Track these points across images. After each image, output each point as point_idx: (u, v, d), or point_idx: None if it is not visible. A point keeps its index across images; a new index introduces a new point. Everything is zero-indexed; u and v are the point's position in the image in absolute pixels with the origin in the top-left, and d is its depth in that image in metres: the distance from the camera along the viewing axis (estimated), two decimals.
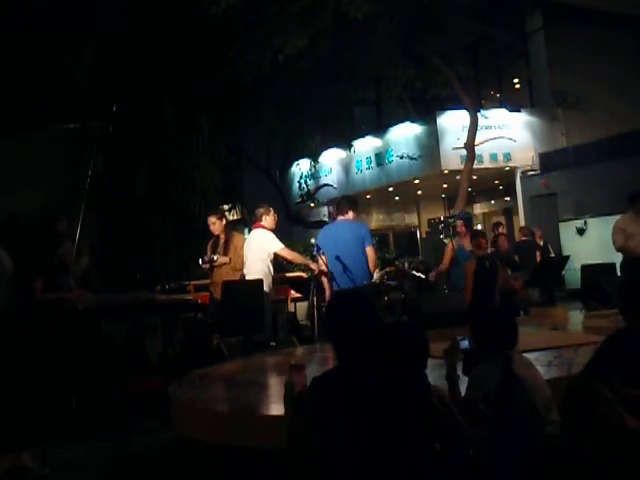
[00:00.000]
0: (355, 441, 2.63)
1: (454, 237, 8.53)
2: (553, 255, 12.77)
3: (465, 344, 3.34)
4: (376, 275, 7.27)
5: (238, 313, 6.93)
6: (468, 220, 8.73)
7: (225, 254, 7.52)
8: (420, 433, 2.67)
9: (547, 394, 3.03)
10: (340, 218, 7.03)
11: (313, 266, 7.27)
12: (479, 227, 20.78)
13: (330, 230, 7.20)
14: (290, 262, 7.59)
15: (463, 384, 3.17)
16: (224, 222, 7.72)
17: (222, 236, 7.62)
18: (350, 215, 7.02)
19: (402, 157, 17.39)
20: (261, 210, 7.61)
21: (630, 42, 16.83)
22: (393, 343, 2.87)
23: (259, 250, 7.39)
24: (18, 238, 7.29)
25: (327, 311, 3.10)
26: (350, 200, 7.34)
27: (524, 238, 12.09)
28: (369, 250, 6.84)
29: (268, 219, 7.54)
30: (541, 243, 12.47)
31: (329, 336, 3.01)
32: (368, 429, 2.63)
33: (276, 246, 7.40)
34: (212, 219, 7.67)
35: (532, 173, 17.08)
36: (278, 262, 8.10)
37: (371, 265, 6.87)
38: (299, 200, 19.13)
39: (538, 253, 11.64)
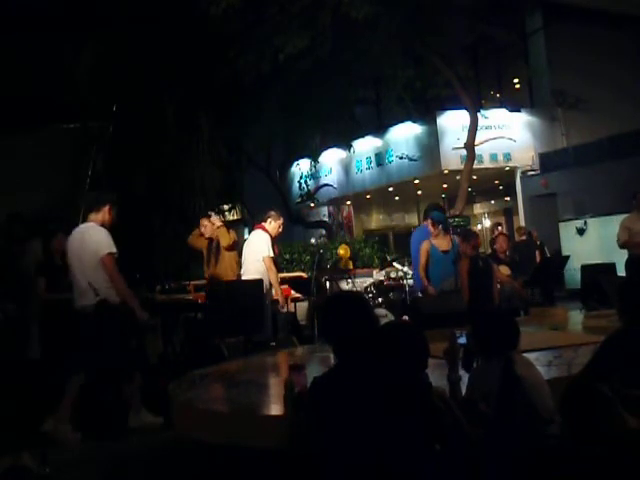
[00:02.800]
0: (356, 441, 2.63)
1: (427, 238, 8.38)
2: (549, 255, 12.75)
3: (463, 340, 3.34)
4: (376, 275, 7.33)
5: (238, 313, 6.93)
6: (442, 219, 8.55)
7: (218, 254, 7.61)
8: (420, 433, 2.67)
9: (547, 394, 3.03)
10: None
11: (278, 296, 7.49)
12: (479, 227, 20.81)
13: None
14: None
15: (464, 384, 3.17)
16: (216, 225, 7.77)
17: (214, 239, 7.72)
18: (428, 222, 7.65)
19: (402, 157, 17.40)
20: (272, 213, 7.70)
21: (630, 42, 16.83)
22: (392, 343, 2.87)
23: (256, 252, 7.41)
24: (19, 237, 7.27)
25: (322, 313, 3.10)
26: (430, 208, 7.91)
27: (523, 238, 12.09)
28: None
29: (272, 224, 7.57)
30: (538, 243, 12.46)
31: (325, 338, 3.02)
32: (368, 429, 2.63)
33: (264, 251, 7.38)
34: (204, 222, 7.80)
35: (532, 173, 17.09)
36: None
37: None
38: (299, 200, 19.15)
39: (538, 253, 11.63)
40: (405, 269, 9.42)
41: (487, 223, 21.13)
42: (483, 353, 3.18)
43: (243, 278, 7.49)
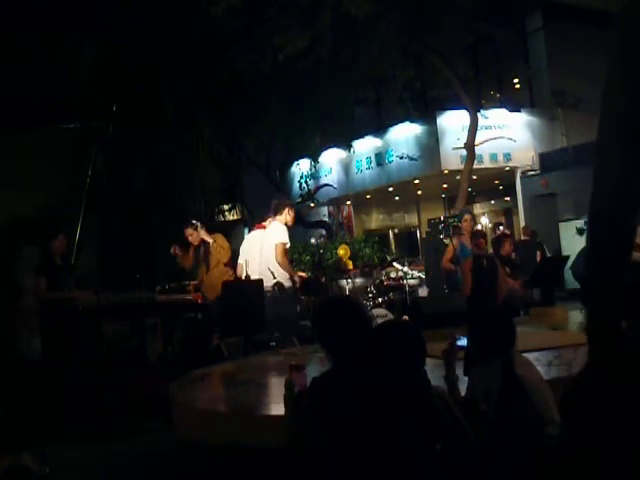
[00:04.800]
0: (355, 441, 2.63)
1: (456, 235, 8.42)
2: (549, 255, 12.74)
3: (464, 343, 3.33)
4: (376, 275, 7.34)
5: (238, 313, 6.93)
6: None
7: (208, 262, 7.65)
8: (421, 433, 2.67)
9: (547, 394, 3.03)
10: None
11: (296, 283, 7.21)
12: (479, 227, 20.81)
13: None
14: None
15: (462, 384, 3.17)
16: (201, 231, 7.75)
17: (201, 246, 7.75)
18: None
19: (402, 157, 17.40)
20: (287, 201, 7.71)
21: None
22: (388, 341, 2.86)
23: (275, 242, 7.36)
24: (21, 237, 7.27)
25: (315, 318, 3.11)
26: None
27: (524, 237, 12.09)
28: None
29: (290, 214, 7.52)
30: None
31: (320, 342, 3.02)
32: (368, 429, 2.63)
33: (283, 239, 7.06)
34: (189, 231, 7.77)
35: (532, 173, 17.08)
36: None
37: None
38: (299, 200, 19.14)
39: (539, 253, 11.63)
40: (405, 269, 9.42)
41: (484, 222, 21.13)
42: (482, 353, 3.18)
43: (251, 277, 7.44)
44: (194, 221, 7.94)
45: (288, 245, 6.93)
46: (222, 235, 8.09)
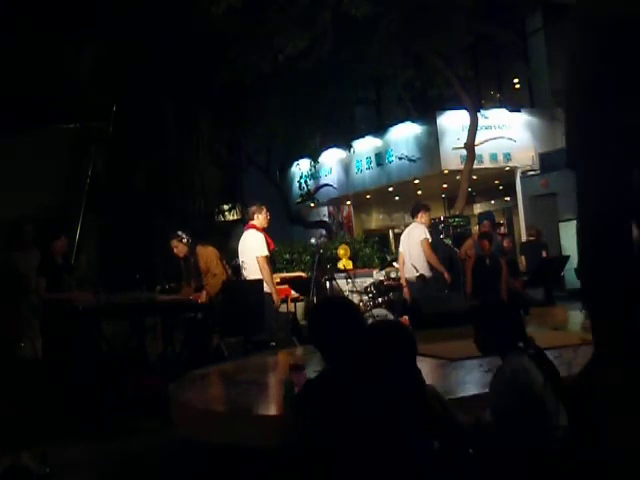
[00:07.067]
0: (353, 441, 2.63)
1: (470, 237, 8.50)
2: (545, 256, 12.71)
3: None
4: (376, 275, 7.38)
5: (238, 313, 6.94)
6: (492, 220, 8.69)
7: (198, 276, 7.52)
8: (419, 432, 2.67)
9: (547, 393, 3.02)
10: None
11: (275, 297, 7.23)
12: (476, 227, 20.79)
13: None
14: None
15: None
16: (187, 243, 7.62)
17: (191, 258, 7.60)
18: None
19: (401, 158, 17.40)
20: (253, 208, 7.54)
21: None
22: (377, 342, 2.86)
23: (252, 252, 7.34)
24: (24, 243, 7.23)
25: (309, 319, 3.11)
26: None
27: (529, 238, 12.09)
28: None
29: (259, 218, 7.44)
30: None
31: (314, 342, 3.02)
32: (365, 429, 2.63)
33: (257, 251, 7.24)
34: (174, 242, 7.64)
35: (532, 173, 17.08)
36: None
37: None
38: (299, 200, 19.14)
39: (544, 253, 11.63)
40: None
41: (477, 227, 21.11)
42: (497, 351, 3.10)
43: (248, 279, 7.48)
44: (180, 232, 7.66)
45: (430, 240, 8.03)
46: (211, 247, 7.89)
